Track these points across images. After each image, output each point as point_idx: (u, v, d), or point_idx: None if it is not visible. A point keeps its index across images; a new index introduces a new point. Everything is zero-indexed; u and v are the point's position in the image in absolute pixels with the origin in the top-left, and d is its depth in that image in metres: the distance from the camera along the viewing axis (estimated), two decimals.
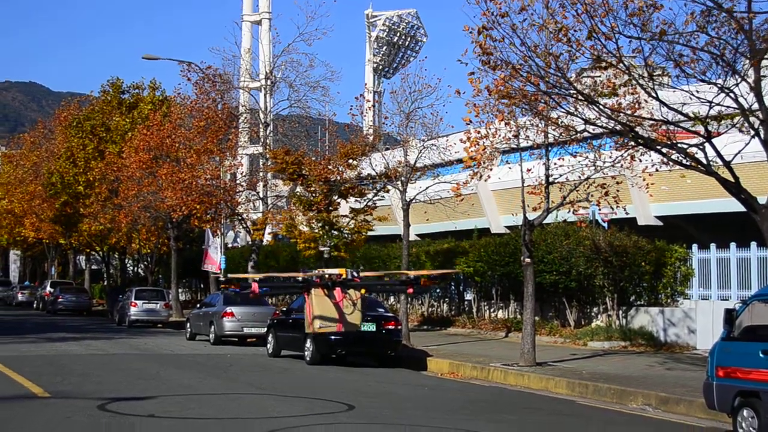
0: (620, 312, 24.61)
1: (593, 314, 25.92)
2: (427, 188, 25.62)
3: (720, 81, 14.11)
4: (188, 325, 29.27)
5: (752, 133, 14.38)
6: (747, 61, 13.98)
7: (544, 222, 20.65)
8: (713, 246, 23.58)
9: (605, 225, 25.70)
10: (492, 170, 19.32)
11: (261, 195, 35.82)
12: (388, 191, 28.97)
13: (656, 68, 16.02)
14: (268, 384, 15.94)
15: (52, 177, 48.57)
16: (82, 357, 20.86)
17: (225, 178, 36.02)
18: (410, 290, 5.63)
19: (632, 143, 16.30)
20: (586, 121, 15.57)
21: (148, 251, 46.49)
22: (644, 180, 18.67)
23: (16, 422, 10.65)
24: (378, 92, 71.42)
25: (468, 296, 32.18)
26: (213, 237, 36.75)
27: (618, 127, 15.66)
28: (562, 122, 16.58)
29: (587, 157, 18.58)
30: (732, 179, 14.57)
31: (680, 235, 26.57)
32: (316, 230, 28.81)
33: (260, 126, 35.81)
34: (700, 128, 14.70)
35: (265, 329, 23.81)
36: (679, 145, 15.08)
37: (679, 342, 22.74)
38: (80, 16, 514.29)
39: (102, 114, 48.42)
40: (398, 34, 74.74)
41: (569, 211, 20.06)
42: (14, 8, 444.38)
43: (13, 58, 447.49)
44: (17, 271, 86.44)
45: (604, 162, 18.31)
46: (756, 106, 13.92)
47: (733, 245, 22.94)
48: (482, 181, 23.34)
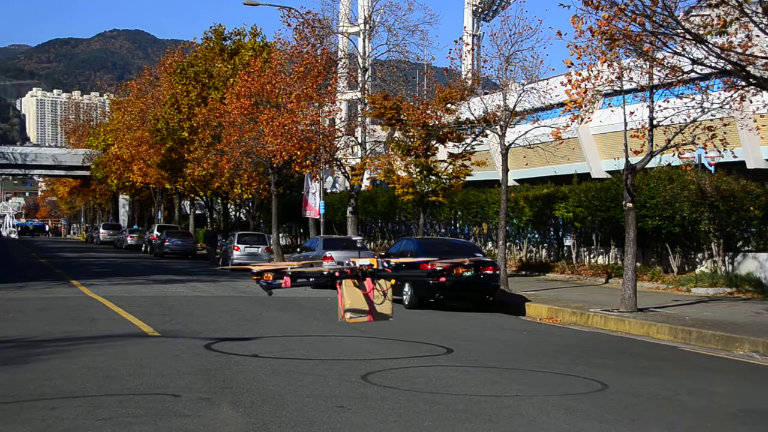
0: (726, 258, 23.96)
1: (697, 260, 25.33)
2: (527, 132, 25.28)
3: None
4: None
5: None
6: None
7: (647, 166, 20.16)
8: None
9: (712, 169, 24.93)
10: (593, 113, 18.92)
11: (359, 140, 35.99)
12: (487, 136, 28.71)
13: None
14: (367, 327, 16.13)
15: (158, 123, 49.81)
16: (188, 298, 21.53)
17: (324, 124, 36.24)
18: (443, 279, 5.61)
19: (743, 83, 15.66)
20: (694, 62, 15.02)
21: (250, 196, 47.36)
22: (755, 122, 17.98)
23: (133, 359, 11.10)
24: (477, 36, 70.27)
25: (567, 242, 31.83)
26: (312, 182, 37.18)
27: (728, 67, 15.04)
28: (668, 63, 16.04)
29: (694, 99, 17.97)
30: None
31: None
32: (414, 175, 28.83)
33: (359, 71, 35.83)
34: None
35: None
36: None
37: None
38: None
39: (205, 61, 49.22)
40: None
41: (674, 155, 19.51)
42: None
43: (121, 7, 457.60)
44: (126, 216, 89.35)
45: (712, 103, 17.68)
46: None
47: None
48: (583, 125, 22.88)
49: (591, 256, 30.31)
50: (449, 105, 28.53)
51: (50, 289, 23.71)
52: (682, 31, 14.72)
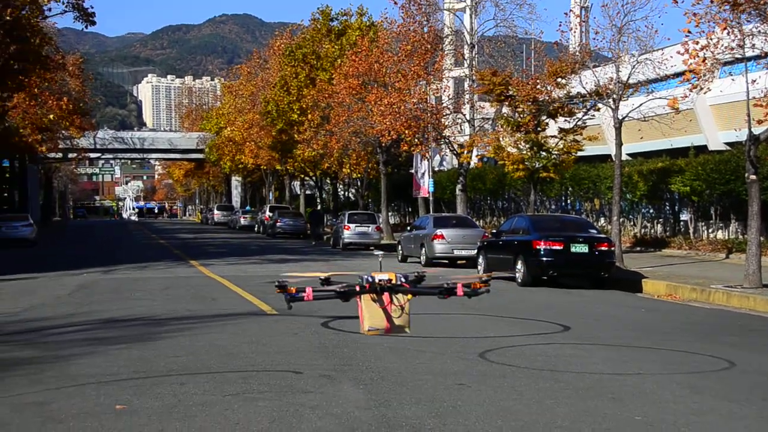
0: None
1: None
2: (641, 105, 24.60)
3: None
4: (399, 248, 29.96)
5: None
6: None
7: None
8: None
9: None
10: (712, 83, 18.24)
11: (467, 117, 35.76)
12: (599, 109, 28.10)
13: None
14: (481, 304, 16.03)
15: (268, 105, 50.68)
16: (302, 277, 21.85)
17: (431, 102, 36.15)
18: (460, 293, 5.57)
19: None
20: None
21: (359, 176, 47.77)
22: None
23: (253, 336, 11.36)
24: (585, 8, 68.65)
25: (683, 216, 30.94)
26: (421, 161, 37.19)
27: None
28: None
29: None
30: None
31: None
32: (524, 151, 28.49)
33: (465, 47, 35.55)
34: None
35: (475, 251, 24.00)
36: None
37: None
38: None
39: (312, 42, 49.74)
40: None
41: None
42: None
43: None
44: (238, 197, 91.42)
45: None
46: None
47: None
48: (700, 96, 22.13)
49: (709, 231, 29.38)
50: (559, 79, 28.02)
51: (171, 269, 24.51)
52: None
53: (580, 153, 29.72)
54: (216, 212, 79.32)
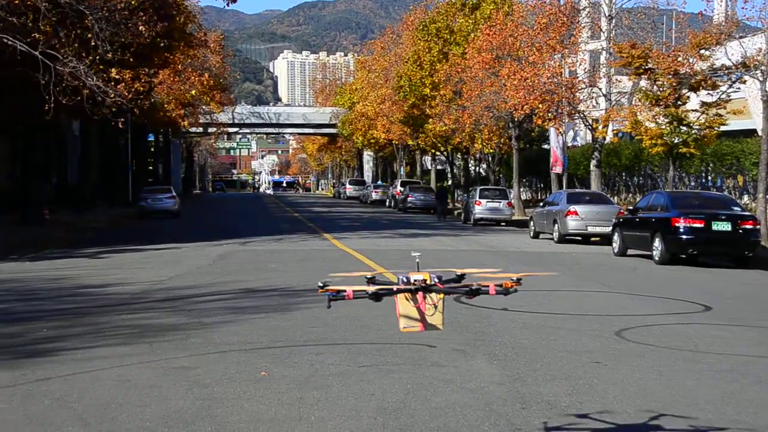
0: None
1: None
2: None
3: None
4: (532, 224, 29.62)
5: None
6: None
7: None
8: None
9: None
10: None
11: (603, 91, 34.91)
12: (745, 82, 26.89)
13: None
14: (616, 282, 15.78)
15: (401, 80, 50.84)
16: (434, 252, 21.96)
17: (566, 76, 35.45)
18: (492, 292, 5.43)
19: None
20: None
21: (490, 151, 47.41)
22: None
23: (386, 309, 11.50)
24: None
25: None
26: (556, 136, 36.60)
27: None
28: None
29: None
30: None
31: None
32: (663, 126, 27.60)
33: (603, 20, 34.64)
34: None
35: (610, 228, 23.50)
36: None
37: None
38: None
39: (446, 16, 49.50)
40: None
41: None
42: None
43: None
44: (370, 171, 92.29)
45: None
46: None
47: None
48: None
49: None
50: (703, 51, 26.95)
51: (305, 242, 25.06)
52: None
53: (723, 127, 28.55)
54: (348, 186, 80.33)
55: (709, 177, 37.01)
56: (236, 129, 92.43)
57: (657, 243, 19.75)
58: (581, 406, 6.60)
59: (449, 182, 61.22)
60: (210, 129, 72.34)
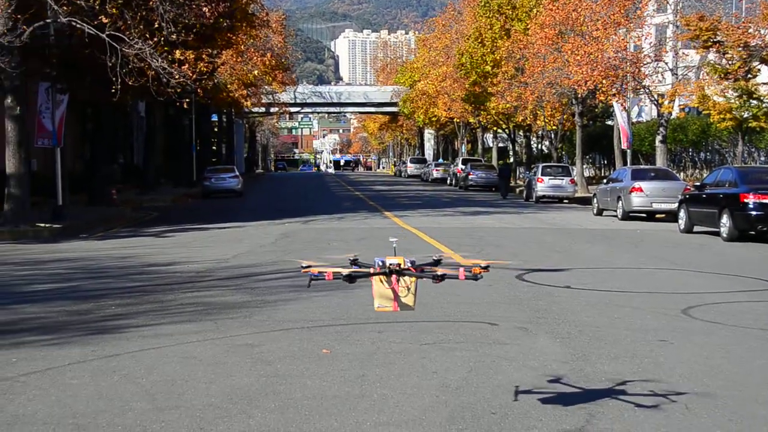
0: None
1: None
2: None
3: None
4: (595, 201, 29.24)
5: None
6: None
7: None
8: None
9: None
10: None
11: (670, 66, 34.20)
12: None
13: None
14: (683, 259, 15.50)
15: (462, 58, 50.49)
16: (495, 229, 21.85)
17: (631, 50, 34.80)
18: (462, 277, 5.43)
19: None
20: None
21: (553, 128, 46.90)
22: None
23: (448, 287, 11.49)
24: None
25: None
26: (621, 112, 35.99)
27: None
28: None
29: None
30: None
31: None
32: (732, 100, 26.97)
33: None
34: None
35: (676, 205, 23.07)
36: None
37: None
38: None
39: None
40: None
41: None
42: None
43: None
44: (431, 149, 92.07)
45: None
46: None
47: None
48: None
49: None
50: None
51: (367, 220, 25.13)
52: None
53: None
54: (409, 165, 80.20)
55: None
56: (298, 108, 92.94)
57: (725, 219, 19.33)
58: (646, 385, 6.51)
59: (511, 160, 60.71)
60: (272, 109, 72.82)
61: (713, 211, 19.95)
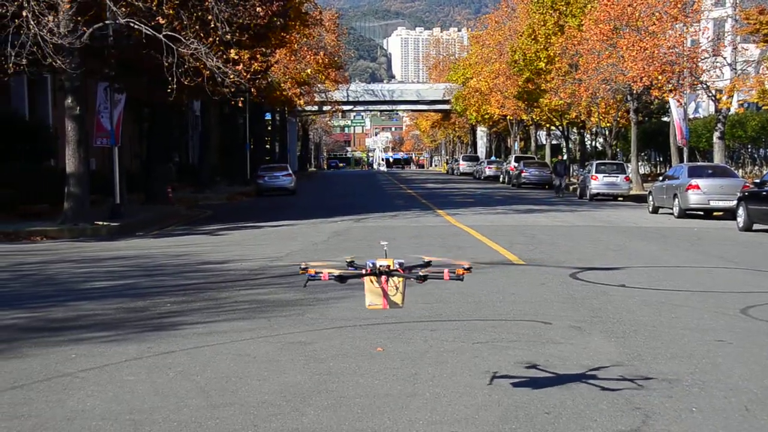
0: None
1: None
2: None
3: None
4: (650, 198, 28.84)
5: None
6: None
7: None
8: None
9: None
10: None
11: (728, 61, 33.57)
12: None
13: None
14: (741, 258, 15.21)
15: (515, 54, 50.19)
16: (549, 228, 21.67)
17: (688, 45, 34.24)
18: (446, 278, 5.41)
19: None
20: None
21: (607, 125, 46.36)
22: None
23: (501, 286, 11.43)
24: None
25: None
26: (677, 108, 35.45)
27: None
28: None
29: None
30: None
31: None
32: None
33: None
34: None
35: (735, 202, 22.65)
36: None
37: None
38: None
39: None
40: None
41: None
42: None
43: None
44: (483, 147, 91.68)
45: None
46: None
47: None
48: None
49: None
50: None
51: (419, 218, 25.12)
52: None
53: None
54: (461, 162, 79.99)
55: None
56: (350, 107, 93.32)
57: None
58: (704, 386, 6.40)
59: (564, 157, 60.18)
60: (325, 107, 73.16)
61: None
